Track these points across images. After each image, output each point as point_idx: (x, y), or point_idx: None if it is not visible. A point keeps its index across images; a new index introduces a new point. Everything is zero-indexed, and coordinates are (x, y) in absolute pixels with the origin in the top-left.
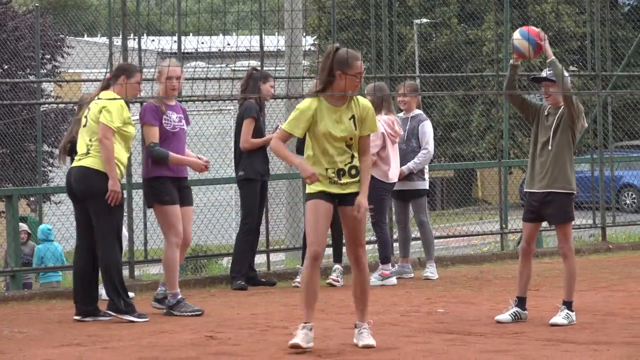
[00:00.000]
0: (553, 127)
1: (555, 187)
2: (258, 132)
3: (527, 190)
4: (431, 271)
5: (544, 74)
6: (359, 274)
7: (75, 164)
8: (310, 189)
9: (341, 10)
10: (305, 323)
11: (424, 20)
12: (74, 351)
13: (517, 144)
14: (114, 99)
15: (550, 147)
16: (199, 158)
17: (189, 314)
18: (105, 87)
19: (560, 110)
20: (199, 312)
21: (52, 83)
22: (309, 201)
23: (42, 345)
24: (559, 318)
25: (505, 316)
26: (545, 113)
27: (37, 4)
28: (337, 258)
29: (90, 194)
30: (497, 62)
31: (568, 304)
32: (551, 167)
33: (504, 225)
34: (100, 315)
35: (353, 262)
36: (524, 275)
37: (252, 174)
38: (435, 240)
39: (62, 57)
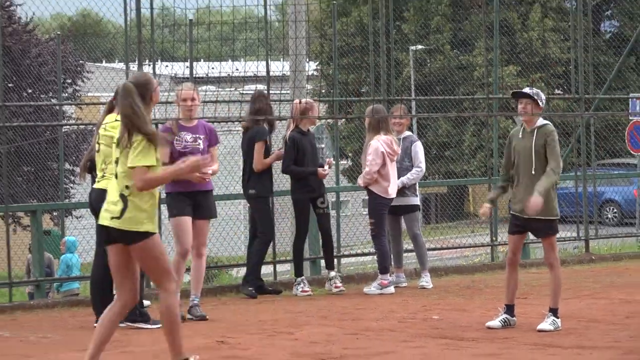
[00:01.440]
0: (533, 154)
1: (539, 213)
2: (266, 152)
3: (513, 212)
4: (426, 280)
5: (526, 89)
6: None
7: (95, 185)
8: None
9: (342, 38)
10: None
11: (419, 46)
12: None
13: None
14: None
15: (533, 172)
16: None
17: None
18: (110, 109)
19: (535, 134)
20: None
21: (73, 106)
22: None
23: (64, 350)
24: (546, 324)
25: (495, 322)
26: (520, 135)
27: (58, 32)
28: (330, 265)
29: None
30: (487, 86)
31: (554, 311)
32: (533, 193)
33: (494, 238)
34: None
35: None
36: (511, 283)
37: (263, 191)
38: (430, 252)
39: (82, 81)
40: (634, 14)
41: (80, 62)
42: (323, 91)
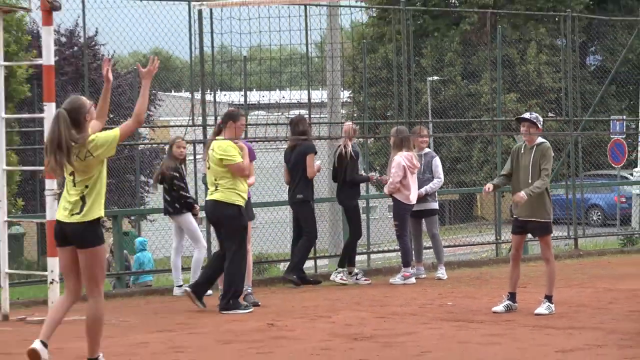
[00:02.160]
0: (530, 166)
1: (536, 216)
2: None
3: (515, 216)
4: (442, 273)
5: (526, 115)
6: None
7: (208, 197)
8: None
9: (370, 70)
10: None
11: (435, 77)
12: (166, 336)
13: None
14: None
15: (529, 181)
16: None
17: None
18: (217, 132)
19: (534, 150)
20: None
21: (147, 128)
22: None
23: (141, 331)
24: (542, 309)
25: (500, 307)
26: (522, 151)
27: (135, 67)
28: (345, 262)
29: (220, 219)
30: (492, 110)
31: (549, 298)
32: (532, 199)
33: (498, 237)
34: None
35: None
36: (514, 275)
37: (309, 196)
38: (445, 249)
39: (155, 107)
40: (614, 50)
41: (153, 91)
42: (355, 115)
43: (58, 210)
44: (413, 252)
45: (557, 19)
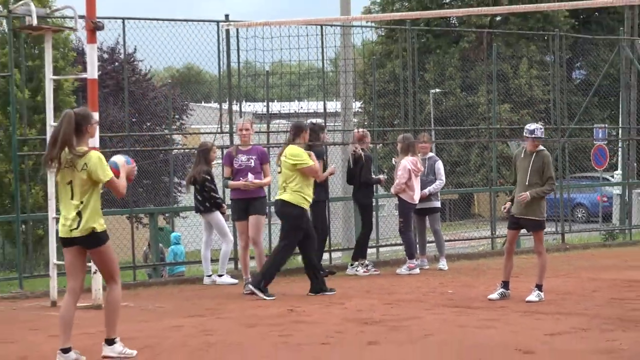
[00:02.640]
0: (529, 170)
1: (530, 214)
2: (324, 168)
3: (511, 213)
4: (443, 264)
5: (537, 132)
6: None
7: (277, 197)
8: None
9: (379, 84)
10: None
11: (437, 90)
12: (197, 320)
13: (502, 175)
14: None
15: (527, 184)
16: (246, 181)
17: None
18: (290, 141)
19: (534, 156)
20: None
21: (179, 135)
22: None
23: (174, 316)
24: (533, 296)
25: (494, 295)
26: (522, 156)
27: (169, 80)
28: (359, 256)
29: (284, 217)
30: (488, 119)
31: (539, 286)
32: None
33: (493, 232)
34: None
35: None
36: (508, 266)
37: (320, 197)
38: (445, 243)
39: (187, 117)
40: (597, 65)
41: (185, 102)
42: (365, 123)
43: (59, 227)
44: (418, 246)
45: (546, 37)
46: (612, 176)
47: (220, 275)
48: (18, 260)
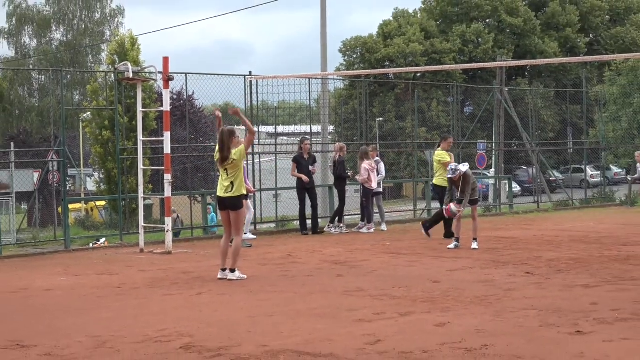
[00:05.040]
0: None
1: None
2: (304, 169)
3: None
4: (384, 227)
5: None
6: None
7: (434, 181)
8: None
9: (345, 114)
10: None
11: (380, 119)
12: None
13: (420, 172)
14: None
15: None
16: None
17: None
18: (438, 146)
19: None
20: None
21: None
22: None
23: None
24: (475, 244)
25: (451, 246)
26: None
27: (213, 112)
28: (335, 220)
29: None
30: (412, 137)
31: (475, 240)
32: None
33: (414, 207)
34: None
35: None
36: (459, 226)
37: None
38: (385, 213)
39: None
40: (480, 103)
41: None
42: (336, 139)
43: (218, 189)
44: (367, 216)
45: (448, 86)
46: (488, 172)
47: (245, 234)
48: (120, 223)
